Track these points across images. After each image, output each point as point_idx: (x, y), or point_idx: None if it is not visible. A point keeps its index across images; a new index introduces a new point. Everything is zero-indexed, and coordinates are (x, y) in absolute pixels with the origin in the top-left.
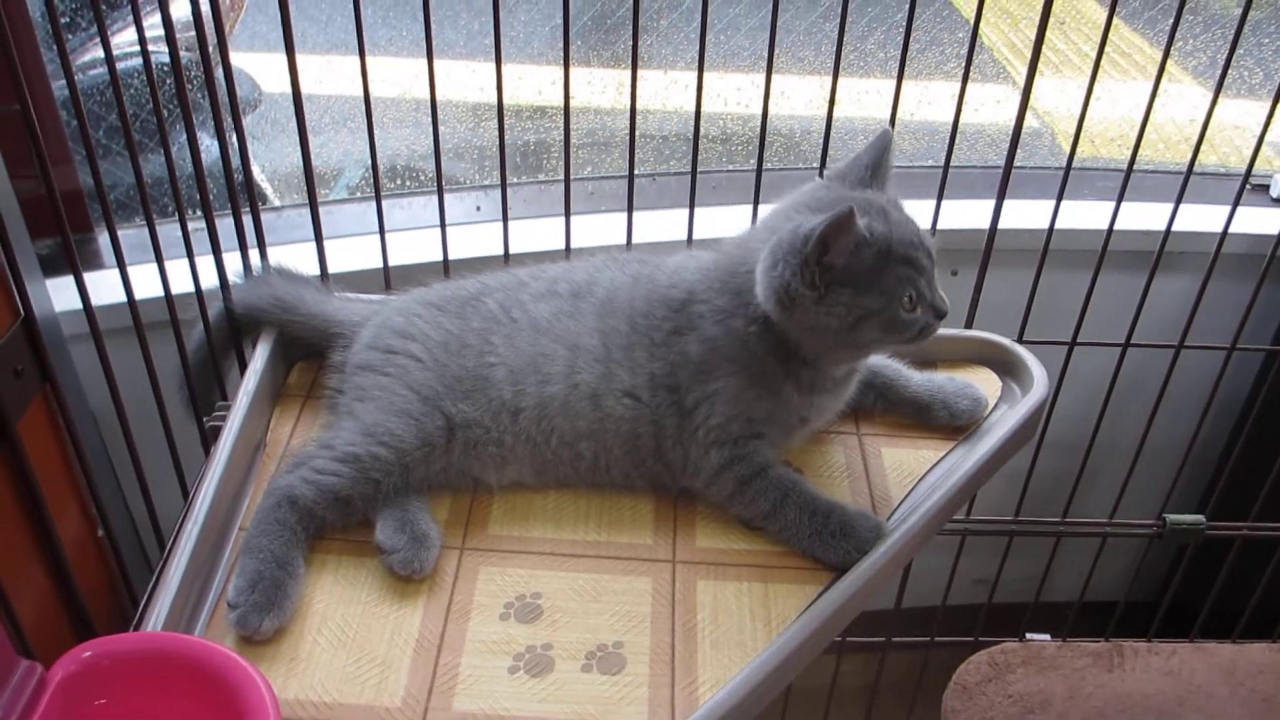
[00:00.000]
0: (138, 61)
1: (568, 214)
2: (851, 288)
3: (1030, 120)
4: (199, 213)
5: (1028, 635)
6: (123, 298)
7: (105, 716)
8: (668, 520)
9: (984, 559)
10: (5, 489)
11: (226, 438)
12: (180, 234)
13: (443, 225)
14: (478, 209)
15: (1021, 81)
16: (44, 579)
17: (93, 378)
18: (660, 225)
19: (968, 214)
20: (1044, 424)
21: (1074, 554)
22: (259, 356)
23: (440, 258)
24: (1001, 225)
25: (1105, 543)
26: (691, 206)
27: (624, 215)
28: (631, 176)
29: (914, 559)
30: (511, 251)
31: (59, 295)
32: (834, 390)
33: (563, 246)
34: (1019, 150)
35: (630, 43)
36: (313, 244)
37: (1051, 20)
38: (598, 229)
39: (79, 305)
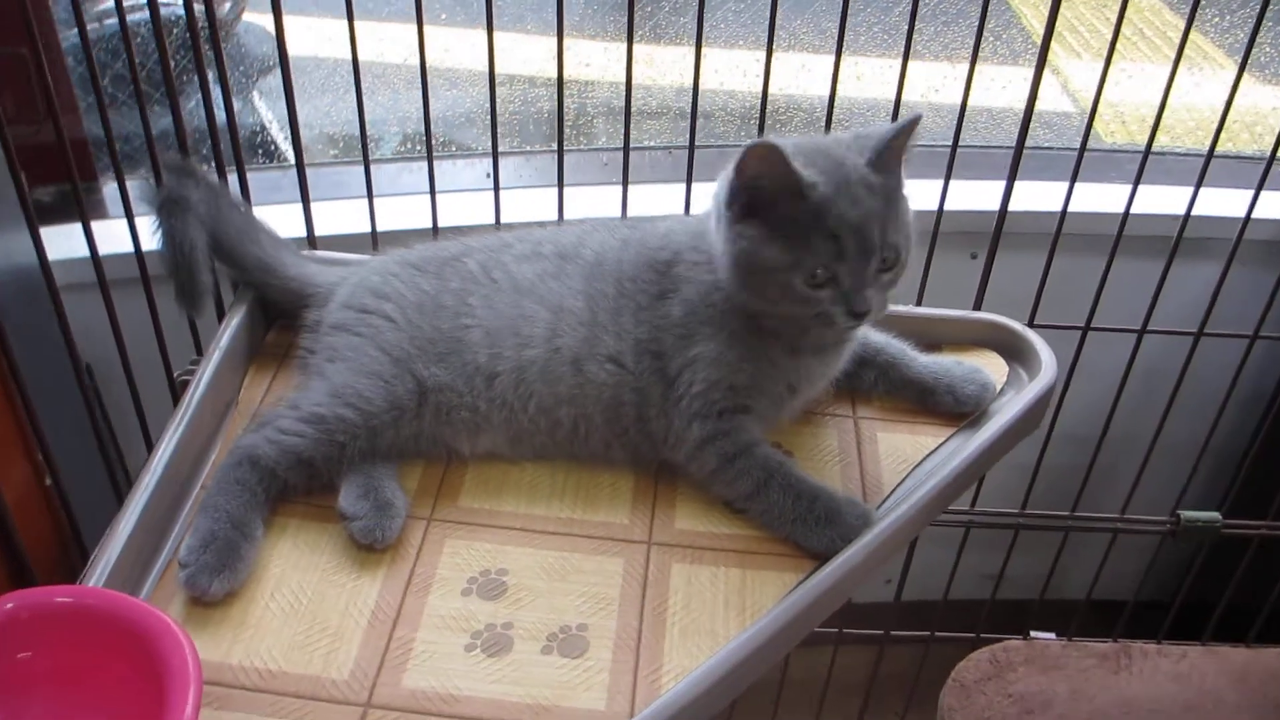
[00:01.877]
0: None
1: (561, 186)
2: (766, 227)
3: (1065, 103)
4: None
5: (1032, 633)
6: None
7: (27, 668)
8: (646, 499)
9: (989, 553)
10: None
11: (194, 392)
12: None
13: (432, 191)
14: (520, 176)
15: (1060, 64)
16: None
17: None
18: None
19: (992, 196)
20: (1054, 414)
21: (1083, 550)
22: (235, 312)
23: (451, 223)
24: (1021, 208)
25: (1116, 539)
26: (689, 181)
27: (644, 187)
28: (627, 149)
29: (916, 550)
30: (528, 219)
31: (59, 243)
32: (821, 355)
33: (577, 216)
34: (1049, 132)
35: (646, 19)
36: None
37: (1092, 3)
38: (612, 199)
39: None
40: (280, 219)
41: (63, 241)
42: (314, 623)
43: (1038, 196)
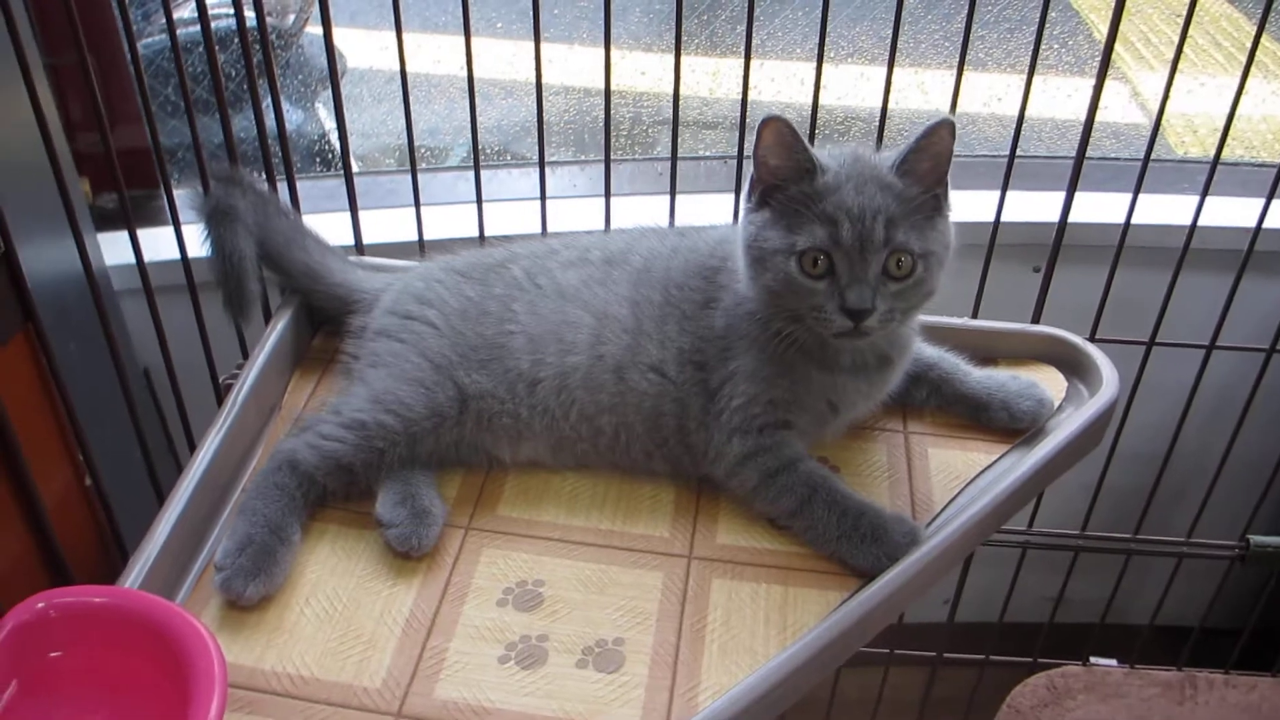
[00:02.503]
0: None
1: (608, 195)
2: (773, 213)
3: (1136, 114)
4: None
5: (1092, 659)
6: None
7: (58, 667)
8: (688, 512)
9: (1048, 575)
10: None
11: (236, 396)
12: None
13: (479, 199)
14: (574, 185)
15: (1132, 75)
16: (21, 528)
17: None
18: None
19: (1056, 207)
20: (1116, 432)
21: (1147, 574)
22: (280, 317)
23: (503, 232)
24: (1086, 219)
25: (1181, 563)
26: (738, 190)
27: (698, 197)
28: (674, 158)
29: (972, 570)
30: (580, 228)
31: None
32: (861, 374)
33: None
34: (1117, 143)
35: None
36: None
37: (1165, 13)
38: (666, 209)
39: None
40: (335, 226)
41: (123, 247)
42: (348, 630)
43: (1104, 208)
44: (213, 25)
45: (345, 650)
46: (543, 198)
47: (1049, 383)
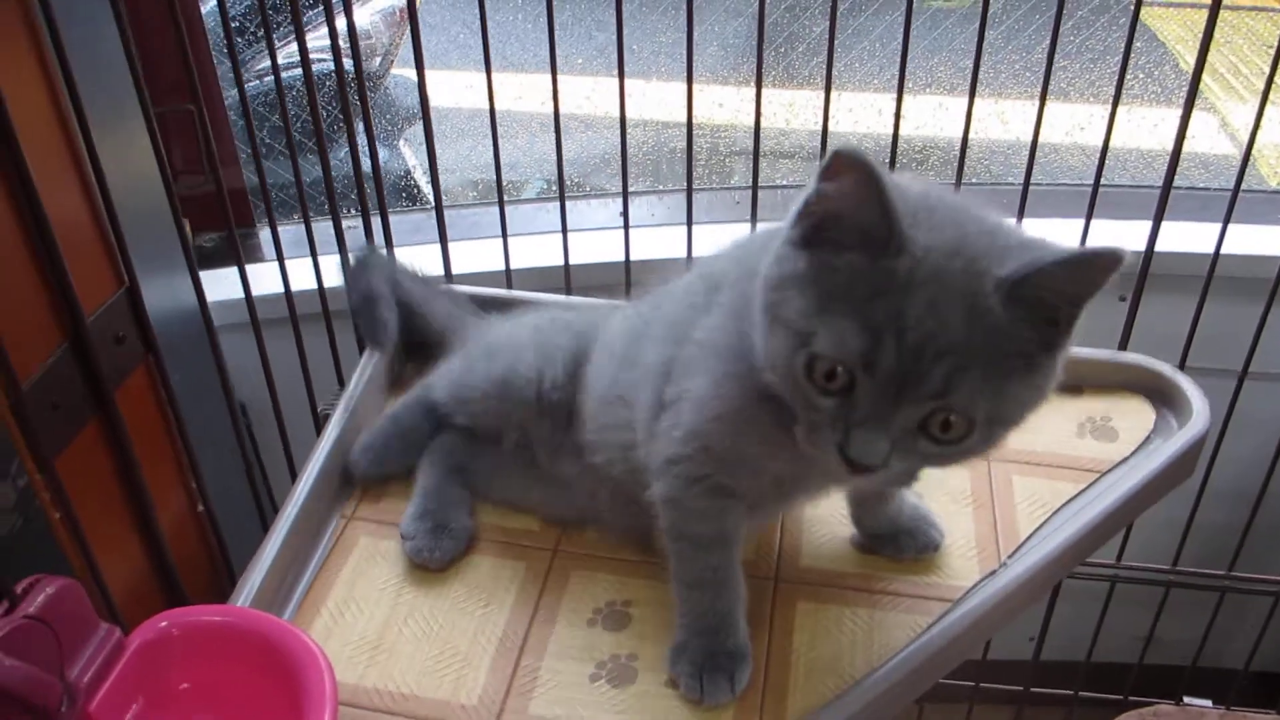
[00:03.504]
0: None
1: (690, 223)
2: (810, 266)
3: (1226, 145)
4: (353, 211)
5: (1186, 699)
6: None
7: (179, 684)
8: (772, 536)
9: (1138, 613)
10: (102, 456)
11: (334, 424)
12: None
13: (564, 230)
14: (652, 215)
15: (1221, 105)
16: (140, 551)
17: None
18: None
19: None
20: (1209, 467)
21: (1243, 616)
22: (372, 350)
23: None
24: (1175, 249)
25: (1279, 604)
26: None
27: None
28: (755, 187)
29: (1059, 607)
30: (659, 256)
31: (219, 286)
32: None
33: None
34: (1205, 173)
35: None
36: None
37: (1255, 44)
38: None
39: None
40: (422, 258)
41: (220, 284)
42: (444, 648)
43: (1194, 238)
44: (291, 73)
45: (442, 669)
46: (626, 226)
47: (1137, 414)
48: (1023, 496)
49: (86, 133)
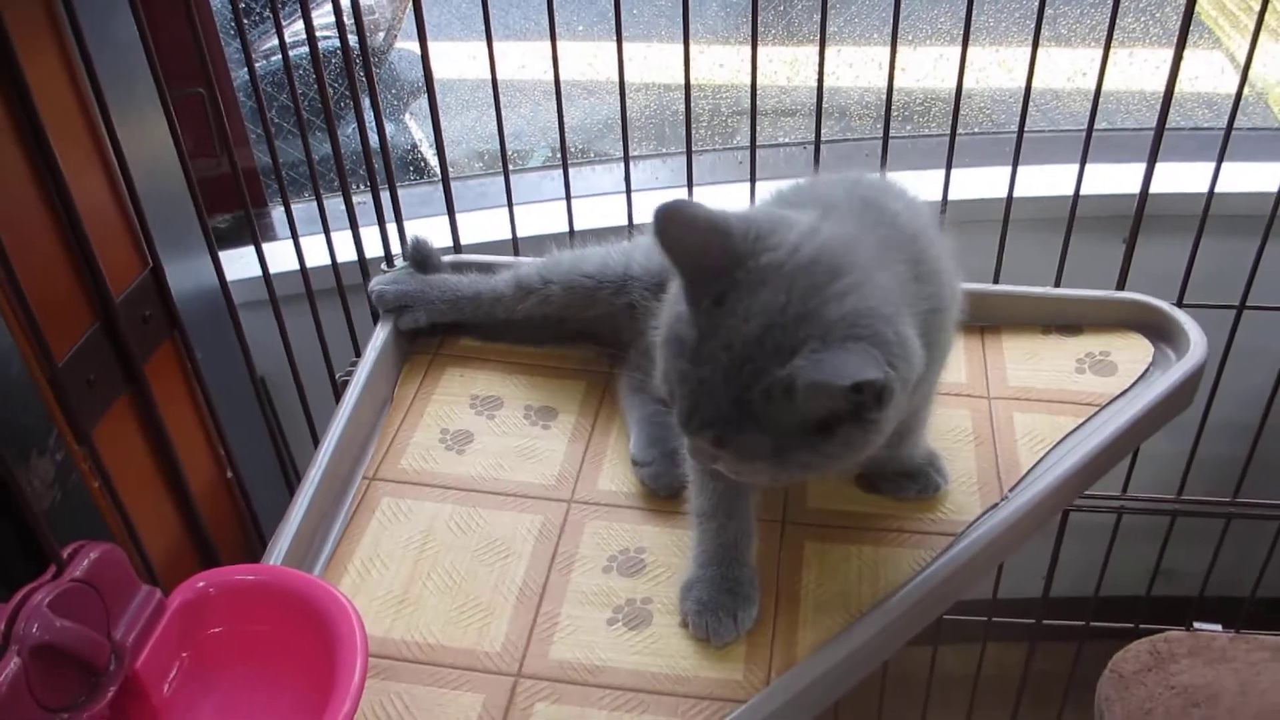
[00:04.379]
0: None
1: (690, 185)
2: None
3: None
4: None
5: (1195, 625)
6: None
7: (217, 641)
8: None
9: (1145, 547)
10: (135, 428)
11: (352, 391)
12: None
13: (568, 196)
14: (656, 178)
15: (1227, 42)
16: (174, 516)
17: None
18: None
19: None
20: (1209, 400)
21: (1248, 544)
22: (389, 317)
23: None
24: (1177, 189)
25: None
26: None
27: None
28: (754, 147)
29: (1067, 544)
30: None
31: (235, 265)
32: None
33: None
34: (1210, 113)
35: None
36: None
37: None
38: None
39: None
40: (431, 229)
41: (236, 263)
42: (467, 599)
43: (1195, 178)
44: (297, 51)
45: (466, 619)
46: (628, 190)
47: (1135, 349)
48: (1023, 432)
49: (108, 120)
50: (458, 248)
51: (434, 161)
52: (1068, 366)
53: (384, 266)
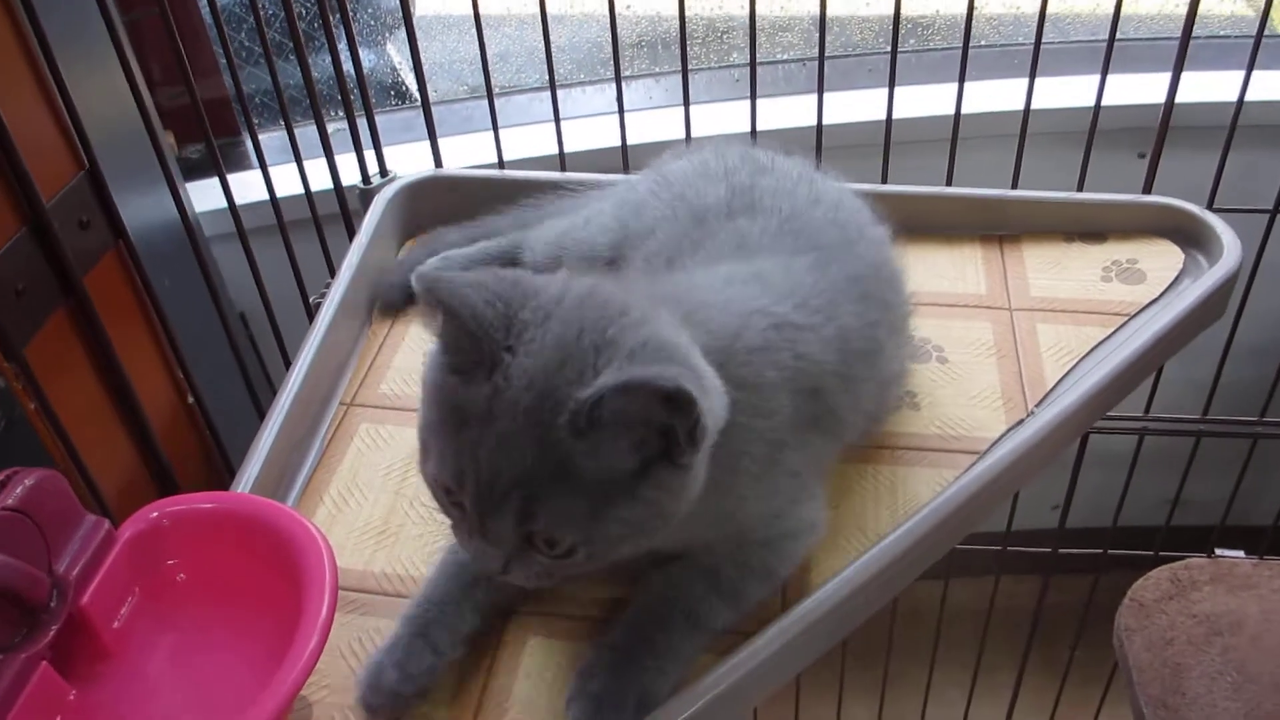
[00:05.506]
0: None
1: (687, 104)
2: (443, 369)
3: None
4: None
5: (1217, 551)
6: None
7: (174, 575)
8: None
9: (1166, 474)
10: (76, 346)
11: (326, 310)
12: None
13: (556, 119)
14: (650, 98)
15: None
16: (129, 446)
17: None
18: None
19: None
20: (1236, 316)
21: (1270, 471)
22: (365, 231)
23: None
24: (1202, 99)
25: None
26: (820, 92)
27: (776, 100)
28: (753, 64)
29: (1084, 473)
30: (658, 140)
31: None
32: None
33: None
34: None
35: None
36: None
37: None
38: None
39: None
40: (414, 155)
41: (210, 193)
42: None
43: (1222, 88)
44: None
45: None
46: (620, 110)
47: (1164, 256)
48: (1048, 344)
49: (32, 14)
50: (501, 163)
51: (415, 89)
52: (1093, 275)
53: (360, 186)
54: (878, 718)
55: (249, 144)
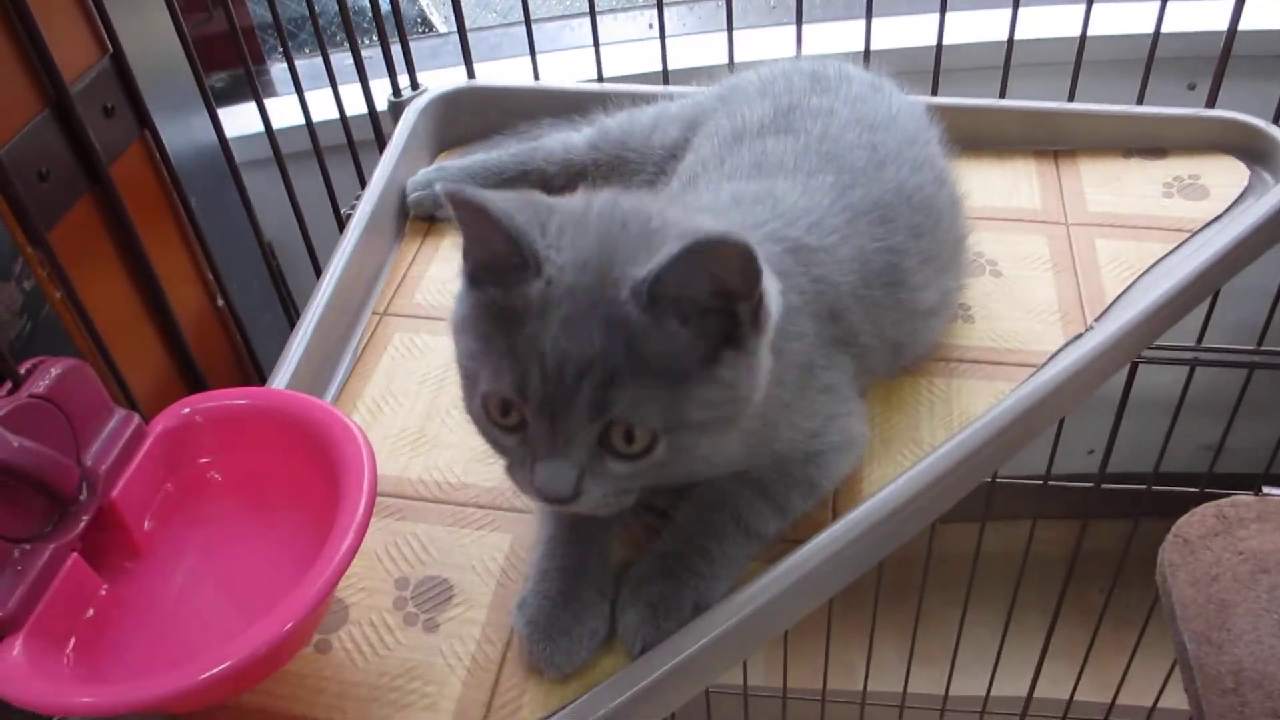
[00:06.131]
0: None
1: (730, 27)
2: (477, 306)
3: None
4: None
5: (1265, 489)
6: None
7: (207, 471)
8: None
9: (1211, 420)
10: (103, 237)
11: (357, 219)
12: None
13: (596, 43)
14: (683, 25)
15: None
16: (156, 342)
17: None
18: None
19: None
20: None
21: None
22: (395, 142)
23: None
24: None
25: None
26: (869, 17)
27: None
28: None
29: (1124, 420)
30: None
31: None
32: None
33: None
34: None
35: None
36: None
37: None
38: (784, 41)
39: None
40: (444, 80)
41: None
42: None
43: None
44: None
45: (491, 456)
46: (662, 35)
47: (1228, 173)
48: (1108, 259)
49: None
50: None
51: (433, 16)
52: (1154, 191)
53: (391, 99)
54: (908, 657)
55: (273, 72)
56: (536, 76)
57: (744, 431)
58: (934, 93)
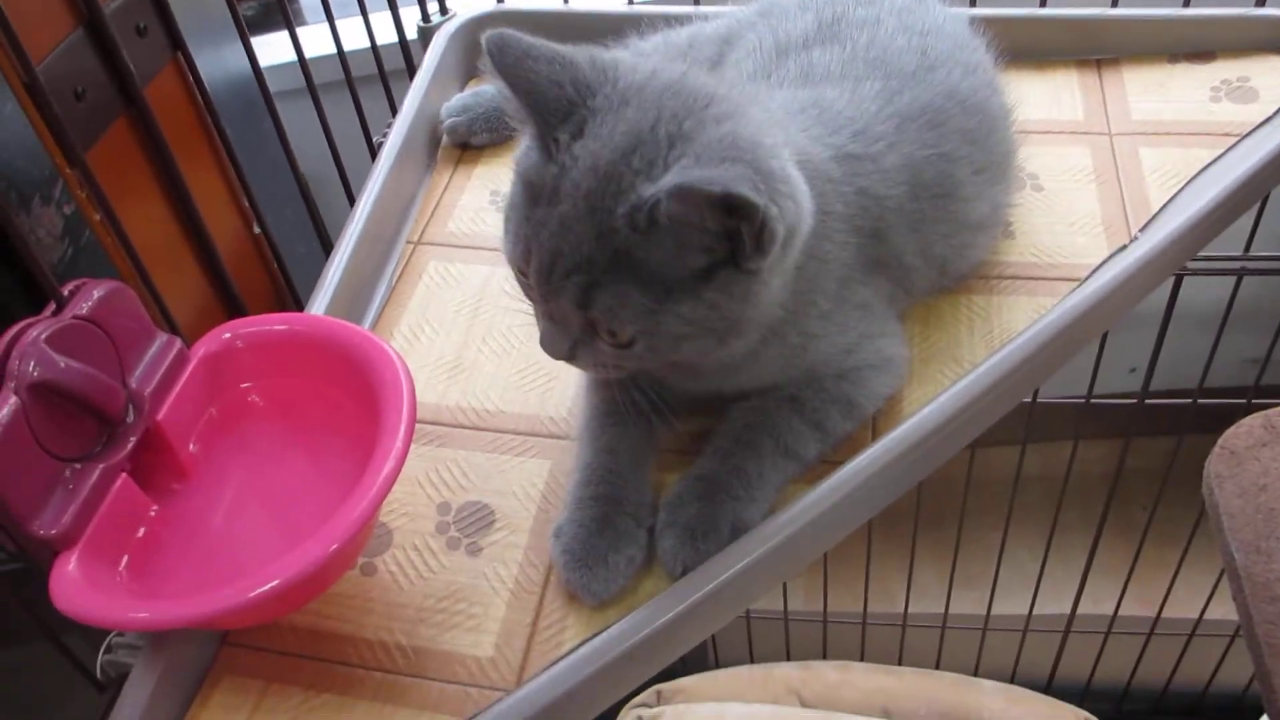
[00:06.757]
0: None
1: None
2: (521, 164)
3: None
4: None
5: None
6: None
7: (248, 397)
8: None
9: (1256, 332)
10: (141, 162)
11: (389, 147)
12: None
13: None
14: None
15: None
16: (195, 267)
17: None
18: None
19: None
20: None
21: None
22: (425, 69)
23: None
24: None
25: None
26: None
27: None
28: None
29: (1166, 338)
30: None
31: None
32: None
33: None
34: None
35: None
36: None
37: None
38: None
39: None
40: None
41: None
42: (528, 364)
43: None
44: None
45: (528, 384)
46: None
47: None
48: (1152, 168)
49: None
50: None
51: None
52: (1201, 95)
53: (420, 24)
54: (949, 580)
55: (300, 1)
56: (566, 0)
57: (779, 340)
58: (973, 4)
